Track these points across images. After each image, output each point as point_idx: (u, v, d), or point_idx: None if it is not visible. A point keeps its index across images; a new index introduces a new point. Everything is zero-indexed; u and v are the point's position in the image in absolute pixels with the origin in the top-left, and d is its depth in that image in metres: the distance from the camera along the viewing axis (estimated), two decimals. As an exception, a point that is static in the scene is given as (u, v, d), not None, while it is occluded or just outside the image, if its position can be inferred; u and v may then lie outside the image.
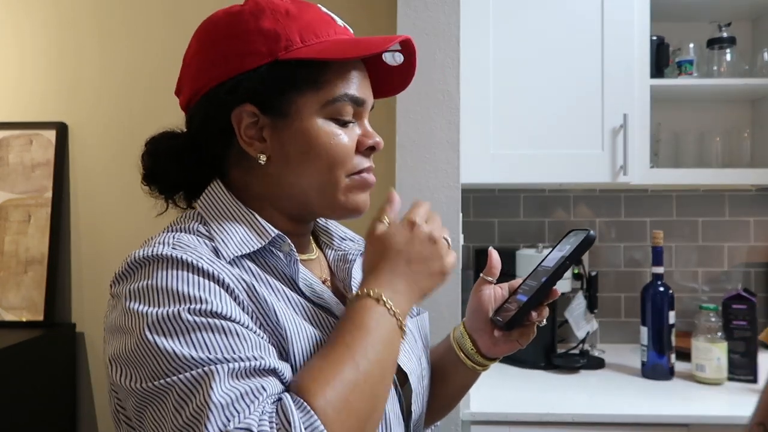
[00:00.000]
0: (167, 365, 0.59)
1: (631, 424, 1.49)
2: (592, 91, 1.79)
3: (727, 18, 1.99)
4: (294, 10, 0.73)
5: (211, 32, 0.75)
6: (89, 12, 2.17)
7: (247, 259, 0.72)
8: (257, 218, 0.74)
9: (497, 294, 0.89)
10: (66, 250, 2.13)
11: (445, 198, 1.52)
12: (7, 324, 2.04)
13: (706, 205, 2.15)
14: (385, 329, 0.66)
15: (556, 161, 1.79)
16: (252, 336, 0.62)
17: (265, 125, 0.73)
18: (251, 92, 0.72)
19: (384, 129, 2.08)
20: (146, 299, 0.62)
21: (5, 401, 1.75)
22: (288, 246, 0.74)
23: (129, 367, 0.61)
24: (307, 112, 0.72)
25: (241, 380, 0.58)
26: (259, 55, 0.71)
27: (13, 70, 2.18)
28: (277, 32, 0.71)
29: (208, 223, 0.73)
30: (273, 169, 0.74)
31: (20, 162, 2.12)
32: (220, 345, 0.60)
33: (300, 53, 0.71)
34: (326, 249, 0.88)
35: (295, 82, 0.72)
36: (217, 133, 0.74)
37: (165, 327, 0.60)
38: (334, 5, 2.27)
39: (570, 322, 1.90)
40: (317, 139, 0.72)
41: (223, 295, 0.64)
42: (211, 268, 0.65)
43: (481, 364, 0.90)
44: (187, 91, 0.76)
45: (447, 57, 1.53)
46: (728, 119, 2.12)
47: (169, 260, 0.64)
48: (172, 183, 0.79)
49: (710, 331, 1.72)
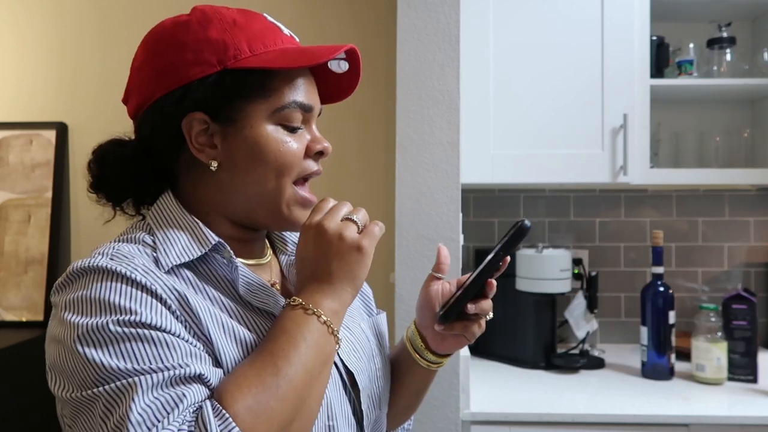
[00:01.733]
0: (95, 375, 0.61)
1: (631, 424, 1.49)
2: (592, 91, 1.79)
3: (727, 18, 1.99)
4: (241, 19, 0.75)
5: (159, 42, 0.76)
6: (89, 12, 2.17)
7: (185, 268, 0.73)
8: (200, 226, 0.75)
9: (445, 290, 0.89)
10: (66, 250, 2.13)
11: (445, 198, 1.52)
12: (7, 324, 2.04)
13: (706, 205, 2.15)
14: (309, 332, 0.68)
15: (556, 161, 1.79)
16: (182, 344, 0.64)
17: (216, 132, 0.75)
18: (201, 101, 0.73)
19: (384, 129, 2.09)
20: (79, 310, 0.64)
21: (5, 401, 1.75)
22: (228, 253, 0.75)
23: (62, 377, 0.64)
24: (256, 119, 0.74)
25: (163, 390, 0.60)
26: (207, 64, 0.72)
27: (13, 70, 2.18)
28: (226, 42, 0.73)
29: (155, 233, 0.75)
30: (223, 176, 0.76)
31: (20, 162, 2.12)
32: (146, 355, 0.61)
33: (248, 62, 0.73)
34: (280, 254, 0.90)
35: (244, 91, 0.73)
36: (167, 140, 0.76)
37: (93, 338, 0.62)
38: (334, 6, 2.26)
39: (570, 322, 1.90)
40: (266, 146, 0.74)
41: (155, 305, 0.65)
42: (144, 279, 0.66)
43: (433, 361, 0.91)
44: (135, 100, 0.77)
45: (447, 57, 1.53)
46: (728, 119, 2.12)
47: (104, 272, 0.66)
48: (120, 190, 0.80)
49: (710, 331, 1.72)
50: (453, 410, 1.50)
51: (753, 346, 1.72)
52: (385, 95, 2.06)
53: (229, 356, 0.68)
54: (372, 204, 2.11)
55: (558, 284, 1.80)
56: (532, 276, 1.81)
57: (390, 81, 1.93)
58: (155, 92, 0.74)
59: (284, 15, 0.79)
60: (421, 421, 1.49)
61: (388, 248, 1.58)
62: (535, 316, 1.87)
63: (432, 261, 1.42)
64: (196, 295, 0.71)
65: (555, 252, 1.81)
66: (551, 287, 1.80)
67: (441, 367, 0.93)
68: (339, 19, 2.08)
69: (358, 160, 2.10)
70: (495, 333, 1.95)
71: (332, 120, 2.19)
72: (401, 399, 0.94)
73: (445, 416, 1.49)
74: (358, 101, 2.13)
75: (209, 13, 0.75)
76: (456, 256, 1.52)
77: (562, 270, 1.80)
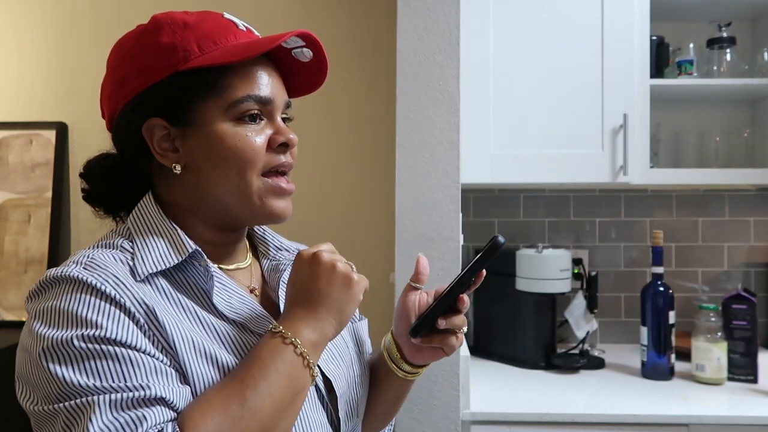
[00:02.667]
0: (56, 390, 0.61)
1: (631, 424, 1.49)
2: (592, 91, 1.79)
3: (727, 18, 1.99)
4: (192, 21, 0.75)
5: (118, 55, 0.78)
6: (89, 12, 2.17)
7: (161, 277, 0.73)
8: (178, 232, 0.75)
9: (422, 300, 0.88)
10: (66, 250, 2.13)
11: (445, 198, 1.52)
12: (7, 324, 2.04)
13: (706, 205, 2.15)
14: (282, 362, 0.67)
15: (556, 161, 1.79)
16: (147, 360, 0.64)
17: (176, 136, 0.75)
18: (157, 106, 0.74)
19: (384, 129, 2.09)
20: (47, 321, 0.65)
21: (5, 401, 1.75)
22: (204, 262, 0.74)
23: (27, 387, 0.65)
24: (211, 117, 0.74)
25: (122, 411, 0.60)
26: (159, 69, 0.73)
27: (13, 70, 2.18)
28: (175, 45, 0.73)
29: (134, 238, 0.75)
30: (189, 178, 0.76)
31: (20, 162, 2.12)
32: (109, 372, 0.62)
33: (197, 62, 0.73)
34: (262, 258, 0.89)
35: (196, 91, 0.73)
36: (134, 148, 0.76)
37: (57, 353, 0.62)
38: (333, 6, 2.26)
39: (570, 322, 1.90)
40: (223, 143, 0.74)
41: (122, 320, 0.65)
42: (114, 292, 0.66)
43: (409, 372, 0.90)
44: (106, 114, 0.80)
45: (447, 57, 1.53)
46: (728, 119, 2.12)
47: (74, 282, 0.66)
48: (110, 202, 0.81)
49: (710, 331, 1.72)
50: (453, 410, 1.50)
51: (753, 346, 1.72)
52: (385, 95, 2.06)
53: (195, 372, 0.67)
54: (372, 204, 2.11)
55: (558, 284, 1.80)
56: (532, 276, 1.81)
57: (390, 81, 1.93)
58: (118, 102, 0.76)
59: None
60: (420, 421, 1.49)
61: (388, 248, 1.59)
62: (535, 316, 1.87)
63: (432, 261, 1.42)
64: (168, 306, 0.71)
65: (555, 252, 1.81)
66: (551, 287, 1.80)
67: (418, 377, 0.91)
68: (338, 20, 2.08)
69: (358, 160, 2.10)
70: (495, 333, 1.95)
71: (332, 120, 2.20)
72: (379, 405, 0.93)
73: (445, 416, 1.49)
74: (358, 101, 2.13)
75: (161, 19, 0.76)
76: (456, 256, 1.52)
77: (562, 270, 1.80)
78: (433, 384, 1.49)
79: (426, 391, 1.49)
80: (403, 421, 1.49)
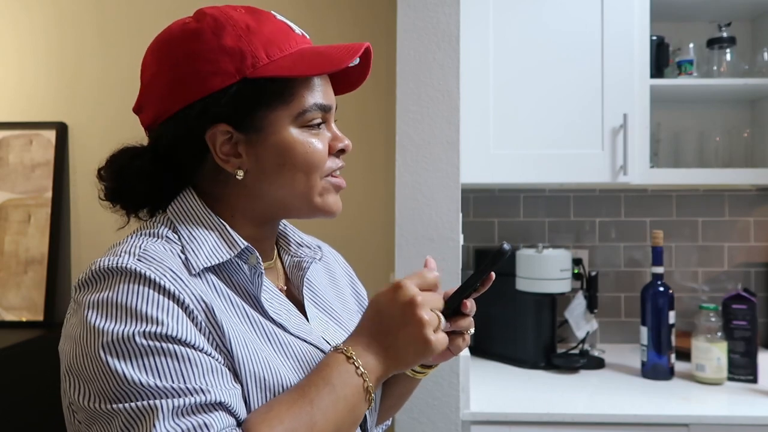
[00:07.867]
0: (116, 388, 0.61)
1: (631, 424, 1.49)
2: (592, 91, 1.79)
3: (727, 18, 1.99)
4: (254, 23, 0.74)
5: (172, 52, 0.74)
6: (89, 12, 2.17)
7: (211, 273, 0.72)
8: (227, 228, 0.75)
9: None
10: (66, 250, 2.13)
11: (445, 198, 1.52)
12: (7, 324, 2.04)
13: (706, 205, 2.15)
14: (350, 389, 0.68)
15: (556, 161, 1.79)
16: (204, 359, 0.64)
17: (240, 141, 0.74)
18: (224, 113, 0.72)
19: (384, 129, 2.09)
20: (104, 313, 0.63)
21: (5, 401, 1.75)
22: (255, 259, 0.75)
23: (81, 382, 0.63)
24: (280, 125, 0.74)
25: (185, 417, 0.60)
26: (226, 74, 0.71)
27: (13, 70, 2.18)
28: (242, 50, 0.71)
29: (178, 229, 0.74)
30: (250, 182, 0.76)
31: (20, 162, 2.12)
32: (168, 371, 0.62)
33: (267, 70, 0.72)
34: (283, 254, 0.89)
35: (265, 99, 0.73)
36: (190, 152, 0.75)
37: (118, 348, 0.61)
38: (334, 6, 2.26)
39: (570, 322, 1.90)
40: (293, 150, 0.75)
41: (180, 317, 0.65)
42: (173, 287, 0.65)
43: (418, 371, 0.90)
44: (151, 112, 0.76)
45: (447, 57, 1.53)
46: (728, 119, 2.12)
47: (131, 274, 0.65)
48: (138, 200, 0.79)
49: (710, 331, 1.72)
50: (453, 410, 1.50)
51: (753, 346, 1.72)
52: (385, 95, 2.06)
53: (250, 373, 0.68)
54: (372, 204, 2.11)
55: (558, 284, 1.80)
56: (532, 276, 1.81)
57: (390, 81, 1.93)
58: (173, 105, 0.73)
59: (284, 15, 0.79)
60: (420, 421, 1.49)
61: (388, 248, 1.59)
62: (535, 316, 1.87)
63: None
64: (222, 304, 0.71)
65: (555, 252, 1.81)
66: (551, 287, 1.80)
67: (425, 376, 0.92)
68: (339, 19, 2.08)
69: (358, 160, 2.10)
70: (495, 333, 1.95)
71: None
72: (386, 400, 0.95)
73: (445, 416, 1.50)
74: (358, 101, 2.13)
75: (221, 19, 0.73)
76: (456, 256, 1.52)
77: (562, 270, 1.80)
78: (433, 384, 1.49)
79: (426, 391, 1.49)
80: (403, 421, 1.50)
